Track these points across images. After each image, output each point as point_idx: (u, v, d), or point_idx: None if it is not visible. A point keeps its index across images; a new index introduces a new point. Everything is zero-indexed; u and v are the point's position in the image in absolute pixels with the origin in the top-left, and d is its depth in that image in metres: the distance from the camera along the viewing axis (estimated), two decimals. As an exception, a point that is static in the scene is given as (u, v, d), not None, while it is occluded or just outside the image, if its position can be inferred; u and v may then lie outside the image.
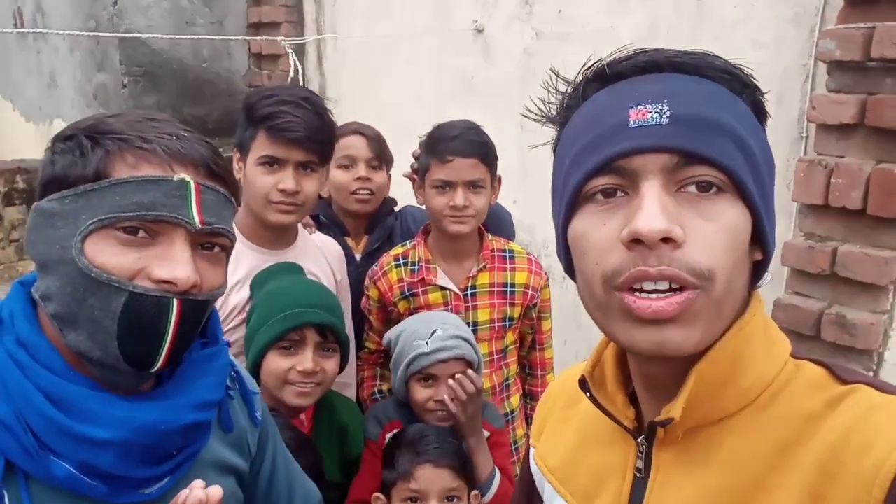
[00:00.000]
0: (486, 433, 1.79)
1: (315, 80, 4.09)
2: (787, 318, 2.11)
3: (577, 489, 0.86)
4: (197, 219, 0.84)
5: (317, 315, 1.58)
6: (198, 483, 0.83)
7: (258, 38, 3.80)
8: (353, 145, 2.21)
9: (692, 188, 0.68)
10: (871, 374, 2.00)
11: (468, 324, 1.94)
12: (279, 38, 3.17)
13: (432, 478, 1.57)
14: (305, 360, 1.56)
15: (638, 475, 0.78)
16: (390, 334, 1.85)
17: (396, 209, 2.39)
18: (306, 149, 1.72)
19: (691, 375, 0.70)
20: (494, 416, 1.86)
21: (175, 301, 0.82)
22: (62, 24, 4.82)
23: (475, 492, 1.65)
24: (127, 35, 3.80)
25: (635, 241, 0.66)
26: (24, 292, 0.88)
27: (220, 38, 3.63)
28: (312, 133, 1.70)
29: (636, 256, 0.67)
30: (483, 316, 2.01)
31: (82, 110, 5.06)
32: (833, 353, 2.05)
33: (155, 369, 0.84)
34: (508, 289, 2.02)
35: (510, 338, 2.07)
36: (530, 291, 2.03)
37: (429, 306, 1.98)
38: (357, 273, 2.17)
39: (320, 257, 1.96)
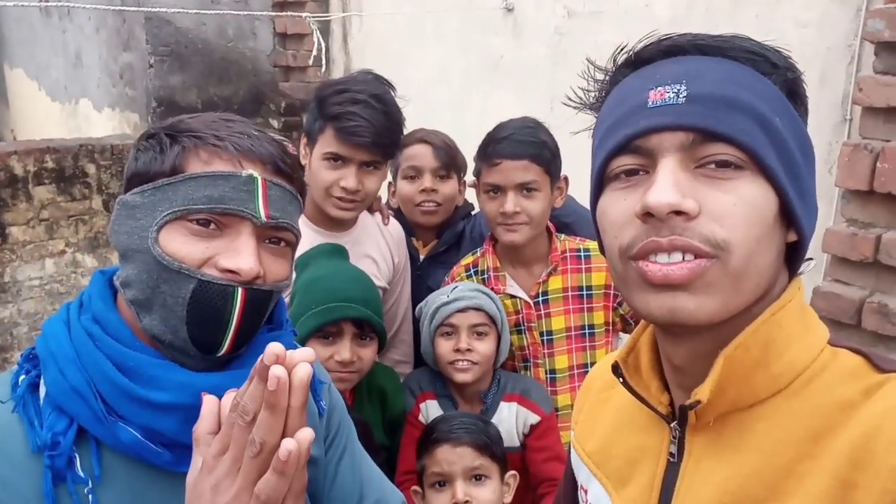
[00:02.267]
0: (537, 418, 1.78)
1: (340, 59, 4.06)
2: (826, 307, 2.07)
3: (612, 472, 0.88)
4: (263, 213, 0.88)
5: (353, 310, 1.62)
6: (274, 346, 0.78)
7: (283, 14, 3.76)
8: (418, 155, 2.12)
9: (711, 166, 0.69)
10: (913, 364, 1.95)
11: (541, 333, 1.88)
12: (304, 15, 3.13)
13: (453, 458, 1.57)
14: (343, 350, 1.61)
15: (671, 460, 0.79)
16: (420, 304, 1.87)
17: (473, 213, 2.28)
18: (371, 151, 1.74)
19: (719, 359, 0.70)
20: (543, 398, 1.83)
21: (240, 290, 0.87)
22: (88, 2, 4.82)
23: (512, 472, 1.64)
24: (151, 10, 3.79)
25: (648, 215, 0.69)
26: (104, 280, 0.96)
27: (245, 13, 3.60)
28: (379, 137, 1.72)
29: (650, 229, 0.69)
30: (558, 324, 1.88)
31: (108, 90, 5.07)
32: (874, 342, 2.01)
33: (221, 353, 0.89)
34: (584, 292, 1.87)
35: (602, 353, 1.88)
36: (612, 291, 1.86)
37: None
38: (416, 275, 2.14)
39: (380, 239, 1.97)
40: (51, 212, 3.91)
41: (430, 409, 1.80)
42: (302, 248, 1.75)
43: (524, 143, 1.77)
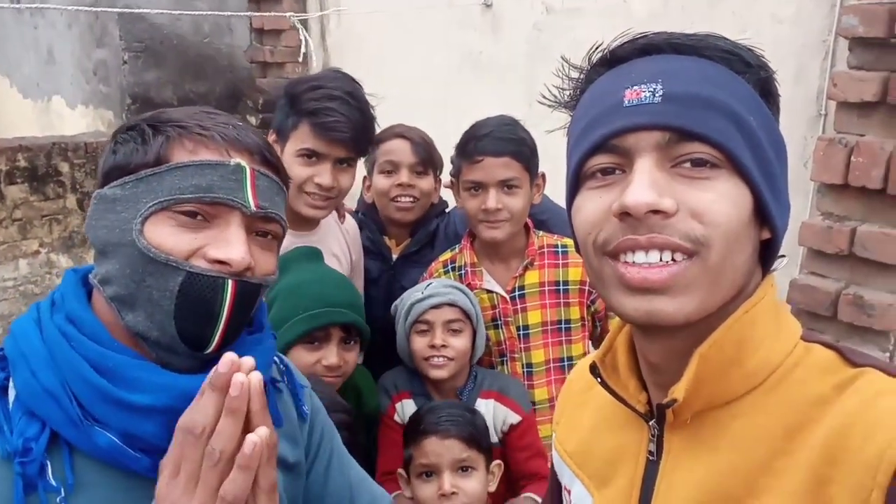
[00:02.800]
0: (518, 417, 1.78)
1: (319, 55, 4.03)
2: (802, 299, 2.10)
3: (593, 472, 0.88)
4: (252, 202, 0.86)
5: (341, 315, 1.62)
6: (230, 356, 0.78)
7: (263, 13, 3.72)
8: (395, 150, 2.09)
9: (687, 165, 0.69)
10: (887, 354, 1.99)
11: (518, 328, 1.88)
12: (287, 14, 3.10)
13: (440, 450, 1.57)
14: (330, 355, 1.61)
15: (651, 458, 0.80)
16: (395, 302, 1.87)
17: (447, 211, 2.27)
18: (348, 147, 1.73)
19: (694, 357, 0.71)
20: (521, 396, 1.83)
21: (230, 282, 0.84)
22: (61, 2, 4.74)
23: (497, 461, 1.65)
24: (126, 10, 3.73)
25: (625, 214, 0.69)
26: (76, 278, 0.92)
27: (225, 14, 3.56)
28: (356, 133, 1.71)
29: (626, 228, 0.69)
30: (534, 318, 1.88)
31: (81, 87, 4.99)
32: (849, 333, 2.04)
33: (209, 350, 0.86)
34: (561, 287, 1.88)
35: (578, 348, 1.90)
36: (587, 288, 1.88)
37: None
38: (389, 274, 2.13)
39: (339, 237, 1.97)
40: (24, 211, 3.85)
41: (406, 409, 1.80)
42: None
43: (505, 140, 1.78)
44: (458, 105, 3.25)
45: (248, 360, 0.74)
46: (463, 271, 1.93)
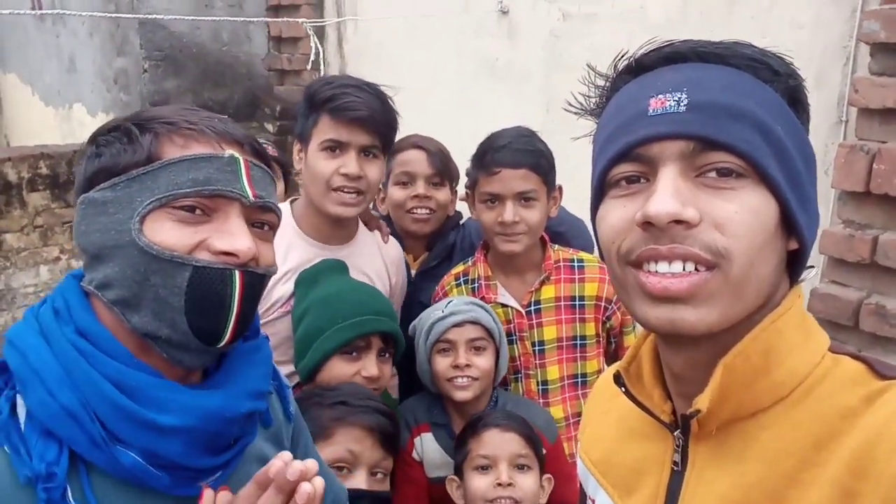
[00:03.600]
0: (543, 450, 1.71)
1: (335, 63, 4.05)
2: (824, 308, 2.07)
3: (617, 482, 0.88)
4: (250, 192, 0.86)
5: (384, 323, 1.60)
6: (285, 455, 0.84)
7: (278, 20, 3.75)
8: (411, 160, 2.05)
9: (712, 174, 0.69)
10: (911, 365, 1.95)
11: (533, 343, 1.85)
12: (300, 20, 3.12)
13: (500, 442, 1.55)
14: (370, 366, 1.57)
15: (675, 469, 0.79)
16: (415, 321, 1.82)
17: (462, 223, 2.23)
18: (370, 131, 1.69)
19: (718, 368, 0.70)
20: (547, 425, 1.77)
21: (237, 273, 0.84)
22: (81, 8, 4.81)
23: (547, 475, 1.62)
24: (146, 17, 3.77)
25: (648, 224, 0.69)
26: (77, 284, 0.89)
27: (241, 20, 3.58)
28: (376, 114, 1.68)
29: (649, 237, 0.69)
30: (549, 334, 1.84)
31: (102, 95, 5.05)
32: (871, 343, 2.01)
33: (222, 343, 0.85)
34: (577, 302, 1.84)
35: (592, 365, 1.86)
36: (602, 304, 1.84)
37: None
38: (409, 290, 2.08)
39: (376, 257, 1.90)
40: (45, 218, 3.90)
41: (426, 444, 1.73)
42: (293, 261, 1.73)
43: (523, 151, 1.75)
44: (474, 112, 3.25)
45: (313, 466, 0.79)
46: (476, 284, 1.89)
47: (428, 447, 1.72)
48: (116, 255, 0.82)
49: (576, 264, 1.87)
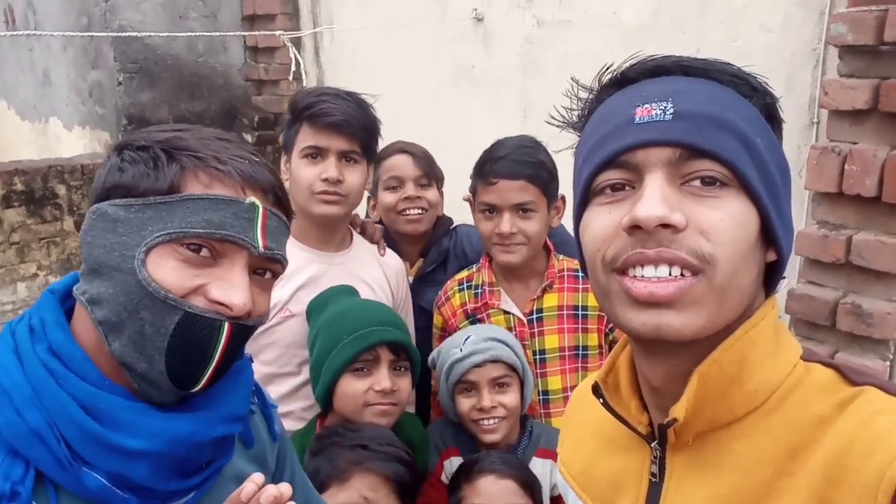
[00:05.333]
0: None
1: (312, 72, 4.04)
2: (801, 309, 2.09)
3: (596, 495, 0.88)
4: (261, 243, 0.85)
5: (389, 333, 1.56)
6: (257, 478, 0.84)
7: (255, 33, 3.74)
8: (398, 165, 2.12)
9: (696, 183, 0.70)
10: (888, 363, 1.97)
11: (534, 352, 1.82)
12: (277, 33, 3.11)
13: (496, 492, 1.49)
14: (382, 378, 1.53)
15: (653, 480, 0.79)
16: (433, 353, 1.79)
17: (452, 228, 2.28)
18: (347, 136, 1.72)
19: (694, 376, 0.71)
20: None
21: (226, 325, 0.83)
22: (54, 21, 4.76)
23: None
24: (121, 34, 3.75)
25: (635, 228, 0.69)
26: (55, 300, 0.88)
27: (218, 34, 3.56)
28: (352, 119, 1.71)
29: (636, 242, 0.70)
30: (551, 343, 1.82)
31: (78, 108, 5.00)
32: (849, 343, 2.03)
33: (196, 389, 0.85)
34: (580, 312, 1.82)
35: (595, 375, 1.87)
36: (606, 314, 1.83)
37: None
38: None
39: (375, 267, 1.91)
40: (21, 235, 3.85)
41: (455, 467, 1.67)
42: (293, 268, 1.71)
43: (522, 162, 1.73)
44: (451, 119, 3.25)
45: (287, 490, 0.81)
46: (480, 290, 1.88)
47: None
48: (114, 277, 0.81)
49: (580, 273, 1.86)
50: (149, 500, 0.84)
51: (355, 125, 1.72)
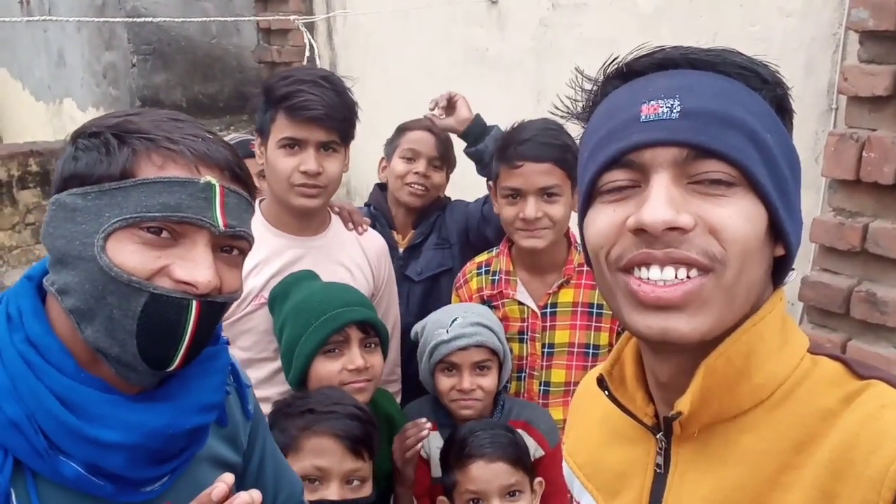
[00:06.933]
0: (543, 452, 1.72)
1: (326, 55, 4.02)
2: (815, 296, 2.07)
3: (601, 485, 0.88)
4: (220, 221, 0.84)
5: (357, 312, 1.58)
6: (228, 478, 0.85)
7: (269, 17, 3.72)
8: (420, 140, 2.22)
9: (704, 183, 0.69)
10: (901, 352, 1.96)
11: (544, 345, 1.82)
12: (291, 17, 3.10)
13: (488, 476, 1.52)
14: (354, 357, 1.56)
15: (658, 471, 0.79)
16: (417, 327, 1.81)
17: (448, 205, 2.35)
18: (326, 128, 1.68)
19: (700, 369, 0.70)
20: (550, 430, 1.76)
21: (194, 303, 0.83)
22: (67, 3, 4.76)
23: (539, 479, 1.61)
24: (136, 20, 3.75)
25: (640, 231, 0.68)
26: (32, 287, 0.89)
27: (232, 19, 3.56)
28: (332, 111, 1.67)
29: (641, 242, 0.69)
30: (561, 338, 1.81)
31: (92, 89, 5.02)
32: (862, 330, 2.01)
33: (171, 368, 0.85)
34: (595, 310, 1.80)
35: None
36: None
37: (506, 320, 1.83)
38: (399, 266, 2.15)
39: (355, 248, 1.90)
40: (36, 216, 3.89)
41: (433, 442, 1.73)
42: (263, 252, 1.72)
43: (547, 145, 1.70)
44: (465, 102, 3.23)
45: (258, 497, 0.83)
46: (497, 277, 1.87)
47: (434, 446, 1.73)
48: (78, 266, 0.82)
49: None
50: (124, 486, 0.86)
51: (335, 116, 1.68)
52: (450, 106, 2.13)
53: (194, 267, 0.82)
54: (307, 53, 3.16)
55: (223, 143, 0.89)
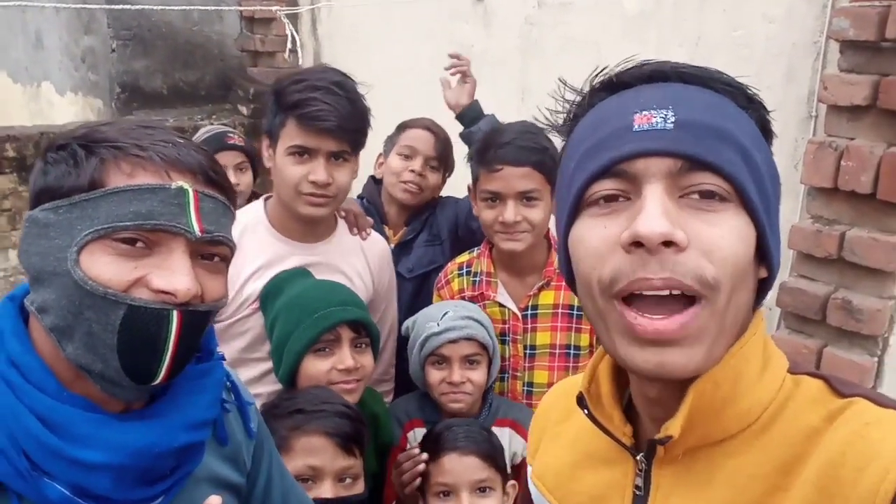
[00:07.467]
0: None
1: (309, 45, 3.98)
2: (792, 302, 2.10)
3: None
4: (196, 227, 0.82)
5: (349, 312, 1.56)
6: (214, 500, 0.84)
7: (252, 5, 3.68)
8: (419, 138, 2.21)
9: (695, 196, 0.67)
10: (875, 359, 1.99)
11: (525, 347, 1.83)
12: (274, 8, 3.07)
13: (459, 468, 1.52)
14: (345, 357, 1.54)
15: (638, 493, 0.77)
16: (408, 321, 1.81)
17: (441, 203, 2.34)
18: (338, 138, 1.63)
19: (690, 393, 0.68)
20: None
21: (175, 313, 0.80)
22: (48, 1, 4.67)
23: (512, 482, 1.61)
24: (115, 6, 3.68)
25: (635, 245, 0.65)
26: (14, 307, 0.86)
27: (215, 8, 3.51)
28: (344, 122, 1.62)
29: (636, 261, 0.65)
30: (542, 339, 1.82)
31: (70, 74, 4.93)
32: (838, 337, 2.04)
33: (157, 382, 0.83)
34: (575, 311, 1.80)
35: None
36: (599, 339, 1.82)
37: None
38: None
39: (358, 255, 1.86)
40: (12, 202, 3.82)
41: (419, 438, 1.72)
42: (264, 257, 1.71)
43: (526, 149, 1.69)
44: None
45: None
46: (478, 279, 1.87)
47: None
48: (54, 282, 0.80)
49: None
50: None
51: (347, 127, 1.63)
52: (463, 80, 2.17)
53: (172, 275, 0.80)
54: (289, 46, 3.12)
55: (196, 148, 0.87)
